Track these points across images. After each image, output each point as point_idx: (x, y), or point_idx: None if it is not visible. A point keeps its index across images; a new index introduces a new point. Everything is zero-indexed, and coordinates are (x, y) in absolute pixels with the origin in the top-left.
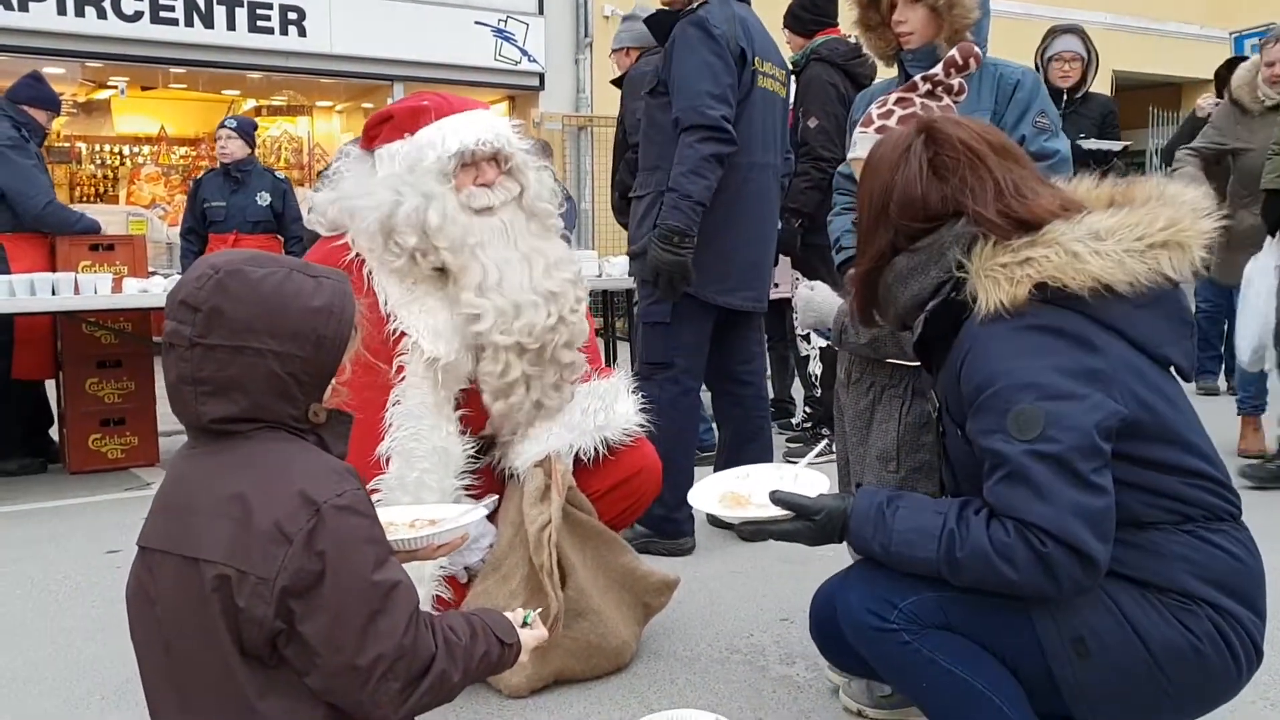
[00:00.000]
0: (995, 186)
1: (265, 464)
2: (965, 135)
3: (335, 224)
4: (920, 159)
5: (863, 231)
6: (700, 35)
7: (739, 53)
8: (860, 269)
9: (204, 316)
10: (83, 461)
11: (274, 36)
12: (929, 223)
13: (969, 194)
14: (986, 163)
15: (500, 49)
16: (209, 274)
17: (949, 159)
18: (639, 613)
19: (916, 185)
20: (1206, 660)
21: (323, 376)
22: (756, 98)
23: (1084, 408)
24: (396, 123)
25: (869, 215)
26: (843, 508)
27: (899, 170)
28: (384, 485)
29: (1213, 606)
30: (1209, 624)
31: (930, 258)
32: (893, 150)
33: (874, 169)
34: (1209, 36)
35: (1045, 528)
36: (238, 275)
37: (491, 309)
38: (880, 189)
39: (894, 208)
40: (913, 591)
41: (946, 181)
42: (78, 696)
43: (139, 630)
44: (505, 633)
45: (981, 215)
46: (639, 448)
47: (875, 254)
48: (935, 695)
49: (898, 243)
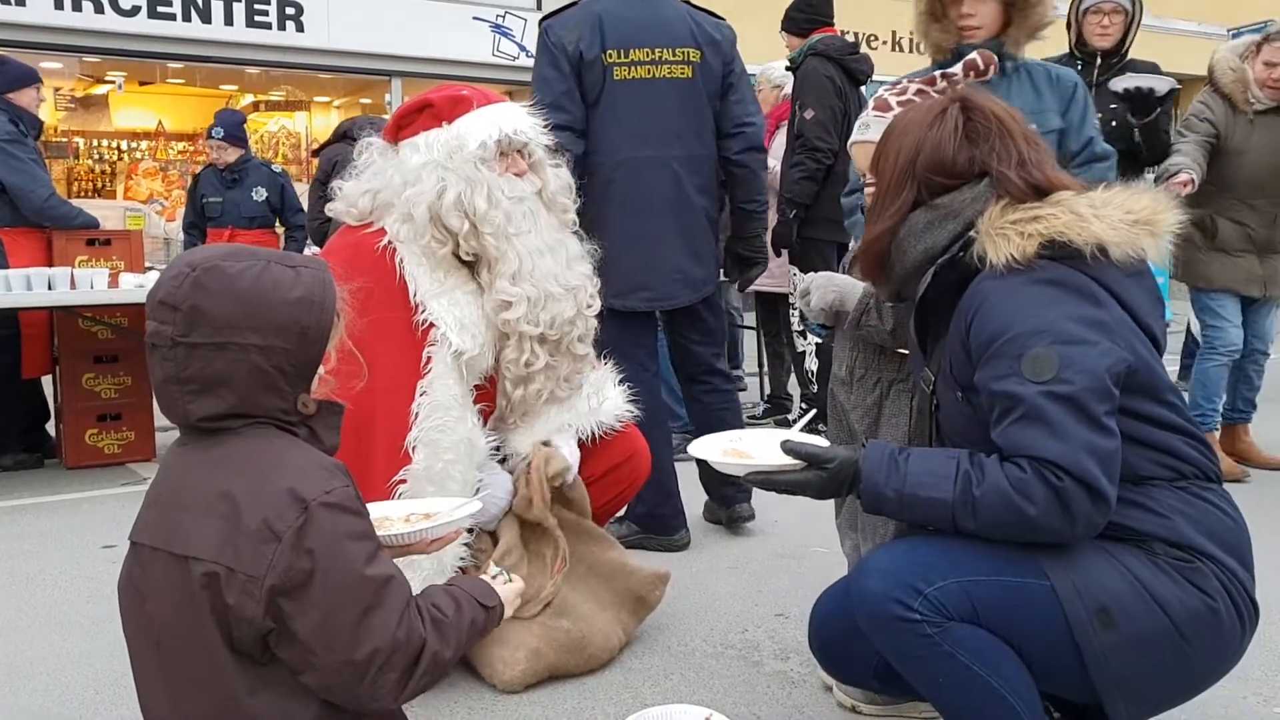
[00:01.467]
0: (1019, 156)
1: (254, 461)
2: (998, 110)
3: (365, 214)
4: (956, 121)
5: (885, 189)
6: (540, 47)
7: (576, 55)
8: (880, 227)
9: (184, 315)
10: (79, 457)
11: (272, 31)
12: (952, 180)
13: (995, 157)
14: (1014, 135)
15: (498, 44)
16: (185, 272)
17: (981, 125)
18: (631, 607)
19: (949, 145)
20: (1220, 618)
21: (308, 367)
22: (619, 93)
23: (1096, 352)
24: (435, 110)
25: (894, 172)
26: (854, 457)
27: (932, 129)
28: (410, 475)
29: (1214, 561)
30: (1215, 580)
31: (949, 213)
32: (926, 113)
33: (903, 130)
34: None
35: (1060, 463)
36: (214, 272)
37: (524, 298)
38: (910, 146)
39: (922, 163)
40: (938, 576)
41: (976, 145)
42: (73, 691)
43: (130, 625)
44: (486, 596)
45: (1005, 175)
46: (629, 433)
47: (897, 210)
48: (951, 691)
49: (920, 198)
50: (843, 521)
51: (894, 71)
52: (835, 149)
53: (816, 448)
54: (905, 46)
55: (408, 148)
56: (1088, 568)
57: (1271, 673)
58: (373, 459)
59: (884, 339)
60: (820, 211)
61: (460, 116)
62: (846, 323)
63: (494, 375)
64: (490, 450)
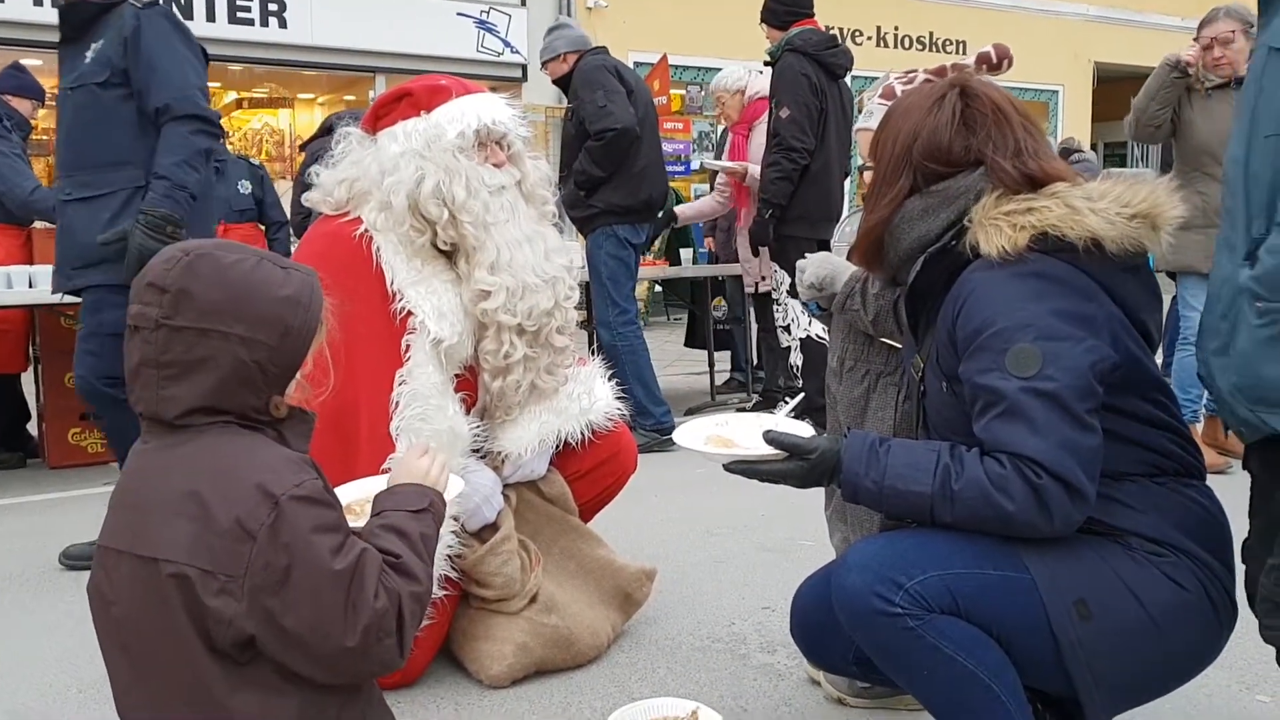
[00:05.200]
0: (1016, 145)
1: (219, 459)
2: (997, 96)
3: (342, 203)
4: (954, 108)
5: (881, 175)
6: (171, 27)
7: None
8: (877, 214)
9: (172, 298)
10: (62, 456)
11: (254, 28)
12: (948, 167)
13: (991, 145)
14: (1011, 123)
15: (483, 40)
16: (178, 256)
17: (979, 113)
18: (619, 604)
19: (946, 132)
20: (1195, 612)
21: (288, 368)
22: None
23: (1080, 349)
24: (414, 99)
25: (891, 157)
26: (836, 448)
27: (930, 115)
28: (392, 463)
29: (1190, 556)
30: (1193, 576)
31: (943, 201)
32: (925, 98)
33: (902, 113)
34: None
35: (1040, 460)
36: (207, 259)
37: (503, 288)
38: (908, 131)
39: (918, 149)
40: (918, 569)
41: (974, 133)
42: (56, 690)
43: (99, 630)
44: (417, 501)
45: (999, 164)
46: (616, 429)
47: (894, 197)
48: (935, 683)
49: (916, 185)
50: (832, 514)
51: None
52: (811, 148)
53: (798, 438)
54: (890, 42)
55: (386, 137)
56: (1066, 560)
57: (1254, 660)
58: (356, 448)
59: (865, 326)
60: (798, 209)
61: (439, 106)
62: (834, 304)
63: (473, 365)
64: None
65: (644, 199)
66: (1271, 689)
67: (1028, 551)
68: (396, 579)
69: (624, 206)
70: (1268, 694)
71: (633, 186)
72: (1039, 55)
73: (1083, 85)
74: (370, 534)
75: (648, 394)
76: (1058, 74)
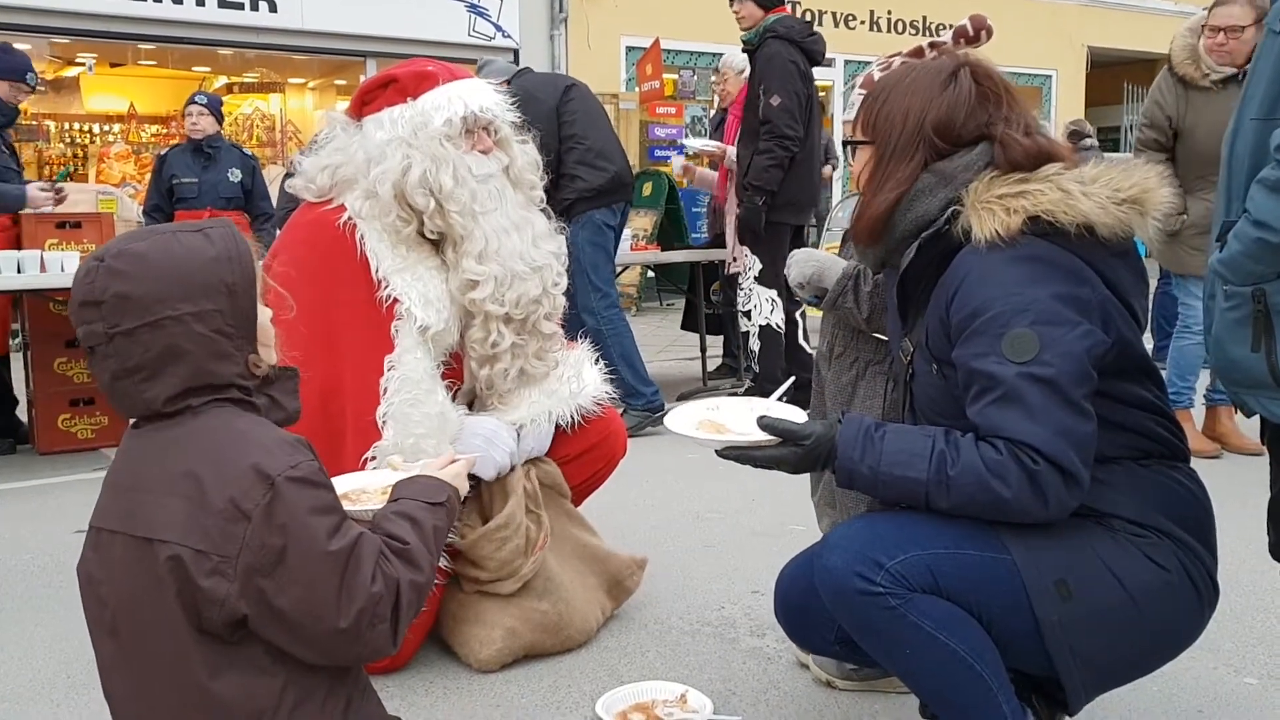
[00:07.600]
0: (1026, 123)
1: (215, 439)
2: (999, 75)
3: (325, 190)
4: (968, 86)
5: (888, 153)
6: None
7: None
8: (886, 193)
9: (109, 306)
10: (52, 442)
11: (245, 12)
12: (952, 145)
13: (1004, 121)
14: (1018, 101)
15: (474, 24)
16: (94, 266)
17: (991, 91)
18: (610, 591)
19: (962, 109)
20: (1176, 593)
21: (246, 323)
22: None
23: (1077, 334)
24: (400, 86)
25: (901, 134)
26: (830, 433)
27: (946, 90)
28: (380, 451)
29: (1172, 538)
30: (1174, 558)
31: (942, 180)
32: (935, 75)
33: (908, 89)
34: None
35: (1036, 446)
36: (124, 256)
37: (491, 277)
38: (919, 108)
39: (930, 125)
40: (899, 550)
41: (985, 110)
42: (45, 675)
43: (87, 611)
44: (435, 494)
45: (1012, 138)
46: (605, 413)
47: (908, 175)
48: (918, 661)
49: (928, 161)
50: (820, 499)
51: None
52: (801, 136)
53: (792, 423)
54: (883, 26)
55: (371, 123)
56: (1047, 541)
57: (1242, 644)
58: (343, 435)
59: (859, 323)
60: (785, 195)
61: (425, 92)
62: (825, 302)
63: (459, 353)
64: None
65: (612, 174)
66: (1259, 672)
67: (1008, 532)
68: (399, 565)
69: (594, 189)
70: (1255, 676)
71: (596, 166)
72: (1032, 40)
73: (1076, 70)
74: (384, 517)
75: (635, 375)
76: (1051, 59)
